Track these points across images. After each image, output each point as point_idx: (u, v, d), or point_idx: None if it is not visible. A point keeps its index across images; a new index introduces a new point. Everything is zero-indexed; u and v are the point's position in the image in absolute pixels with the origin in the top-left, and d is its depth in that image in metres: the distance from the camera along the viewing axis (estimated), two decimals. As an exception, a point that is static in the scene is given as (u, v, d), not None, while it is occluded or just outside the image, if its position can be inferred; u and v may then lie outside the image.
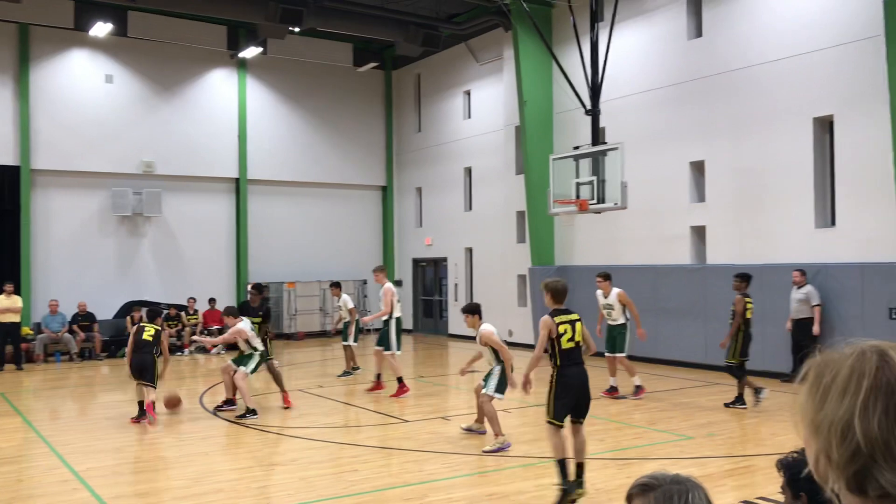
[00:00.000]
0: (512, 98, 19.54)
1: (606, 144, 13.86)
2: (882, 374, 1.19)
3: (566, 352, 7.11)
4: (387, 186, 25.59)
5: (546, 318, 7.14)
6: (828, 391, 1.23)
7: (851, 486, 1.20)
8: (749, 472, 7.92)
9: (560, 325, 7.08)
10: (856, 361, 1.22)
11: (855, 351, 1.25)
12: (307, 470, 8.37)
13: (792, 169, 13.96)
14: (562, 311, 7.25)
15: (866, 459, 1.17)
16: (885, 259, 12.45)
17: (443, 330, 23.74)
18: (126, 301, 20.42)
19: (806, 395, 1.27)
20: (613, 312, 12.60)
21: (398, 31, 19.41)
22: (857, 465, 1.18)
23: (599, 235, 17.64)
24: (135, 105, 21.37)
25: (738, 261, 14.69)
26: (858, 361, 1.22)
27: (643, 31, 16.85)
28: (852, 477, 1.19)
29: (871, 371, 1.20)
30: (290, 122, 23.76)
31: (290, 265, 23.54)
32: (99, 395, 14.44)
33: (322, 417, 11.37)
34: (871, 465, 1.17)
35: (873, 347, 1.24)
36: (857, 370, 1.21)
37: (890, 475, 1.16)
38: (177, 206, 21.85)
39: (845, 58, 13.12)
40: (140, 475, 8.30)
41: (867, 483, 1.18)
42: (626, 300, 12.49)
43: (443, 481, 7.83)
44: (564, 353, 7.10)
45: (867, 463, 1.17)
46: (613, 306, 12.60)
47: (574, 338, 7.14)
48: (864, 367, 1.21)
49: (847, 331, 12.37)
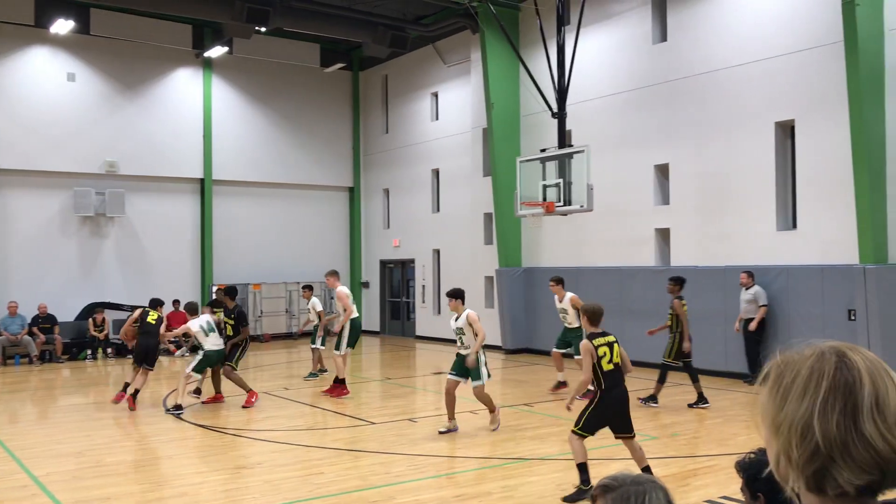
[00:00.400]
0: (479, 100, 19.59)
1: (573, 147, 13.96)
2: (840, 374, 1.22)
3: (608, 373, 7.28)
4: (354, 187, 25.51)
5: (586, 343, 7.32)
6: (788, 392, 1.25)
7: (811, 485, 1.22)
8: (712, 471, 8.02)
9: (599, 348, 7.26)
10: (815, 362, 1.25)
11: (814, 352, 1.27)
12: (273, 473, 8.30)
13: (754, 172, 14.18)
14: (598, 333, 7.41)
15: (825, 459, 1.19)
16: (844, 261, 12.69)
17: (410, 332, 23.70)
18: (88, 303, 20.09)
19: (767, 395, 1.29)
20: (568, 316, 12.76)
21: (366, 32, 19.36)
22: (817, 465, 1.20)
23: (566, 237, 17.76)
24: (98, 104, 21.06)
25: (702, 263, 14.89)
26: (818, 362, 1.25)
27: (609, 35, 17.00)
28: (812, 476, 1.21)
29: (830, 372, 1.23)
30: (256, 122, 23.58)
31: (255, 267, 23.35)
32: (59, 399, 14.18)
33: (288, 420, 11.29)
34: (829, 465, 1.19)
35: (832, 348, 1.27)
36: (816, 371, 1.24)
37: (848, 474, 1.18)
38: (140, 207, 21.56)
39: (806, 63, 13.36)
40: (101, 479, 8.17)
41: (826, 482, 1.20)
42: (578, 304, 12.58)
43: (409, 483, 7.82)
44: (606, 374, 7.28)
45: (826, 462, 1.19)
46: (567, 310, 12.78)
47: (613, 359, 7.32)
48: (823, 368, 1.23)
49: (807, 331, 12.59)
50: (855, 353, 1.25)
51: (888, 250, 12.17)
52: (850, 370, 1.22)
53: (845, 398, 1.20)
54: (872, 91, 11.99)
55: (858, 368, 1.22)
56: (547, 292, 14.91)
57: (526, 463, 8.58)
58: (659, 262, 15.94)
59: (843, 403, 1.20)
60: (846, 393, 1.20)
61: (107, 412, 12.26)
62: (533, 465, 8.46)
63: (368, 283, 25.18)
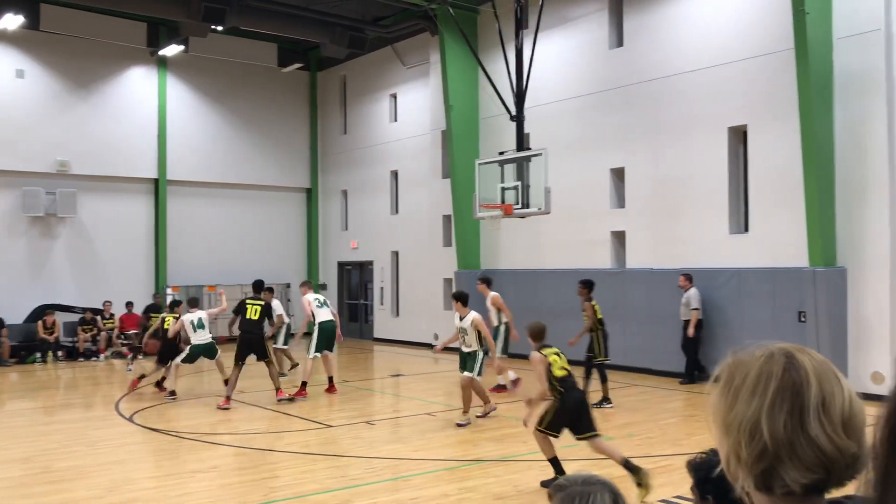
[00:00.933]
0: (438, 102, 19.60)
1: (531, 150, 14.04)
2: (788, 375, 1.24)
3: (562, 379, 7.60)
4: (311, 189, 25.33)
5: (535, 353, 7.69)
6: (738, 392, 1.27)
7: (759, 484, 1.24)
8: (667, 471, 8.12)
9: (549, 357, 7.65)
10: (764, 364, 1.27)
11: (765, 353, 1.29)
12: (227, 477, 8.20)
13: (708, 176, 14.41)
14: (545, 345, 7.84)
15: (773, 458, 1.22)
16: (794, 264, 12.95)
17: (368, 334, 23.60)
18: (38, 305, 19.63)
19: (718, 395, 1.31)
20: (491, 315, 13.12)
21: (324, 33, 19.25)
22: (765, 464, 1.22)
23: (524, 240, 17.85)
24: (48, 102, 20.60)
25: (656, 265, 15.09)
26: (767, 364, 1.27)
27: (567, 40, 17.14)
28: (760, 475, 1.23)
29: (778, 373, 1.25)
30: (212, 122, 23.29)
31: (211, 268, 23.03)
32: (6, 403, 13.81)
33: (245, 423, 11.16)
34: (777, 464, 1.22)
35: (782, 350, 1.29)
36: (765, 372, 1.26)
37: (795, 473, 1.21)
38: (93, 207, 21.14)
39: (758, 70, 13.62)
40: (49, 486, 7.98)
41: (774, 481, 1.23)
42: (498, 303, 13.17)
43: (366, 486, 7.78)
44: (560, 380, 7.59)
45: (774, 462, 1.22)
46: (490, 309, 13.21)
47: (563, 365, 7.67)
48: (771, 369, 1.26)
49: (758, 333, 12.82)
50: (803, 355, 1.27)
51: (836, 253, 12.46)
52: (797, 371, 1.25)
53: (793, 399, 1.23)
54: (821, 98, 12.27)
55: (806, 370, 1.25)
56: (507, 294, 14.97)
57: (483, 464, 8.60)
58: (615, 265, 16.11)
59: (791, 404, 1.22)
60: (794, 394, 1.23)
61: (56, 416, 12.01)
62: (490, 467, 8.48)
63: (326, 284, 25.02)
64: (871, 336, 12.10)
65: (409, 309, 21.79)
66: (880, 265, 12.03)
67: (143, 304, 20.36)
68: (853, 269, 12.34)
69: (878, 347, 12.00)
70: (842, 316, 12.35)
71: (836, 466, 1.21)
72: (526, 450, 9.25)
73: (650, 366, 14.83)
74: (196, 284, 22.05)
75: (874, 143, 12.04)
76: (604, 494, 1.74)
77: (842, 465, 1.21)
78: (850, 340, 12.31)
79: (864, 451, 1.22)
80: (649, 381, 14.15)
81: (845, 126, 12.33)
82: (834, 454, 1.20)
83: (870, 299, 12.14)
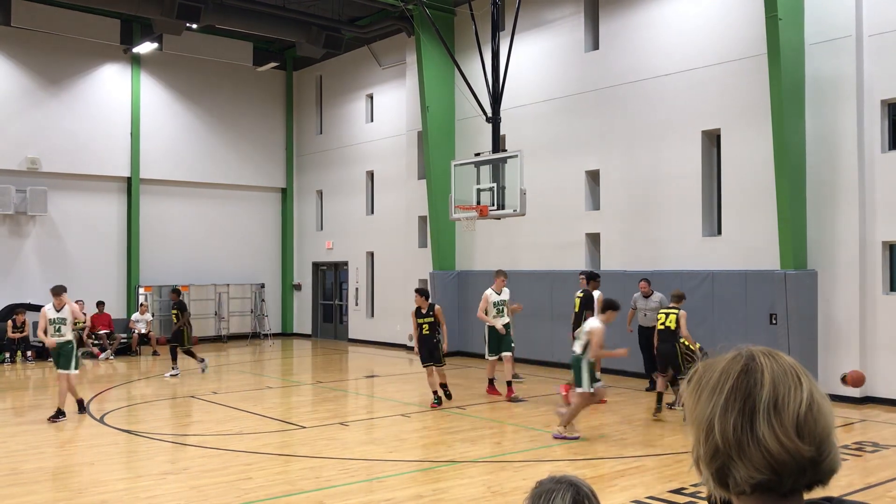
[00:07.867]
0: (414, 103, 19.59)
1: (506, 152, 14.08)
2: (743, 376, 1.26)
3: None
4: (286, 188, 25.20)
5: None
6: (702, 392, 1.30)
7: (716, 481, 1.27)
8: (640, 471, 8.17)
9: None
10: (727, 364, 1.30)
11: (732, 355, 1.32)
12: (199, 479, 8.12)
13: (681, 179, 14.53)
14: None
15: (724, 457, 1.24)
16: (766, 267, 13.10)
17: (343, 335, 23.52)
18: (7, 304, 19.34)
19: (688, 394, 1.34)
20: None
21: (299, 32, 19.17)
22: (718, 463, 1.25)
23: (499, 241, 17.89)
24: (18, 98, 20.31)
25: (630, 267, 15.18)
26: (728, 364, 1.29)
27: (543, 42, 17.21)
28: (715, 473, 1.26)
29: (735, 374, 1.27)
30: (186, 120, 23.09)
31: (184, 268, 22.84)
32: (-26, 404, 13.59)
33: (217, 424, 11.07)
34: (729, 463, 1.24)
35: (748, 352, 1.31)
36: (724, 373, 1.28)
37: (744, 472, 1.23)
38: (64, 205, 20.88)
39: (732, 74, 13.77)
40: (17, 488, 7.86)
41: (728, 479, 1.25)
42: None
43: (339, 487, 7.75)
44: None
45: (726, 460, 1.24)
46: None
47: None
48: (730, 369, 1.28)
49: (730, 335, 12.95)
50: (766, 358, 1.28)
51: (807, 256, 12.62)
52: (753, 373, 1.26)
53: (745, 400, 1.24)
54: (793, 102, 12.42)
55: (762, 371, 1.25)
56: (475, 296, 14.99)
57: (457, 465, 8.60)
58: (589, 266, 16.18)
59: (742, 404, 1.24)
60: (745, 395, 1.25)
61: (25, 417, 11.83)
62: (464, 468, 8.49)
63: (300, 285, 24.91)
64: (841, 338, 12.27)
65: (384, 310, 21.75)
66: (850, 268, 12.20)
67: (114, 304, 20.13)
68: (823, 272, 12.50)
69: (848, 349, 12.17)
70: (812, 318, 12.50)
71: (785, 469, 1.21)
72: (500, 451, 9.27)
73: (625, 367, 14.91)
74: (168, 284, 21.84)
75: (845, 148, 12.22)
76: (566, 494, 1.78)
77: (793, 468, 1.21)
78: (819, 342, 12.47)
79: (828, 455, 1.23)
80: (624, 383, 14.24)
81: (817, 130, 12.50)
82: (781, 456, 1.20)
83: (840, 302, 12.31)
